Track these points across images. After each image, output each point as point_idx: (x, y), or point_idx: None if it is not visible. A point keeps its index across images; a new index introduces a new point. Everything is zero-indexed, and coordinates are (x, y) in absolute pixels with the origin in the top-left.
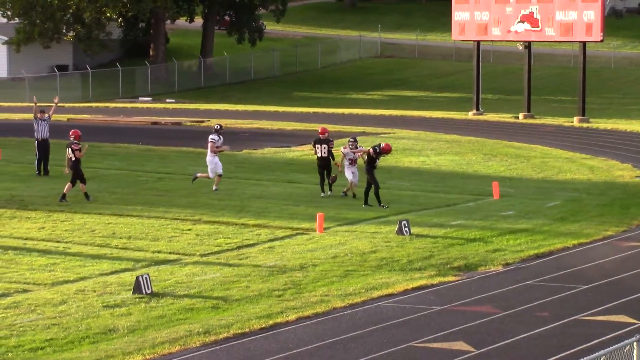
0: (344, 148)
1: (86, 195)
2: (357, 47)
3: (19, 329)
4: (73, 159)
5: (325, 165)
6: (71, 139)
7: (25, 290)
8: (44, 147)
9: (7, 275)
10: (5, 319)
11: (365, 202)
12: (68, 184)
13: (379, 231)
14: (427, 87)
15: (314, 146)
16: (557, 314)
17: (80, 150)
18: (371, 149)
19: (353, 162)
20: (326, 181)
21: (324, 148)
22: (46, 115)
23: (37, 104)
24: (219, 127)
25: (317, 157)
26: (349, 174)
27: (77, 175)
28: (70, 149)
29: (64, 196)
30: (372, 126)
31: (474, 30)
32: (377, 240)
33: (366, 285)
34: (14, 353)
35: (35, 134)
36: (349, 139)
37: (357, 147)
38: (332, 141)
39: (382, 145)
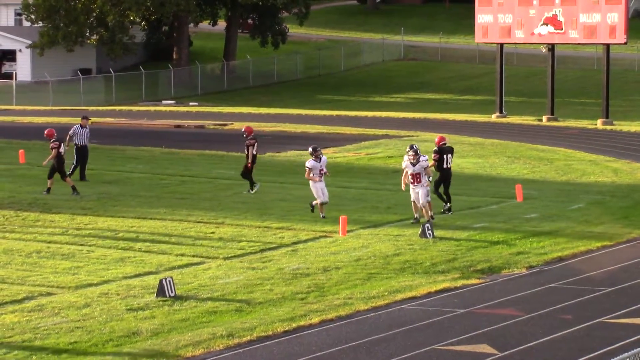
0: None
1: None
2: (380, 50)
3: (43, 332)
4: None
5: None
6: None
7: (49, 294)
8: (83, 153)
9: (31, 278)
10: (29, 322)
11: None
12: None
13: (402, 234)
14: (450, 90)
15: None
16: (580, 317)
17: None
18: (435, 155)
19: (417, 178)
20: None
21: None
22: (88, 123)
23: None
24: (312, 151)
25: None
26: (414, 194)
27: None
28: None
29: (48, 190)
30: (395, 129)
31: (497, 33)
32: (400, 243)
33: (389, 288)
34: (37, 356)
35: (76, 139)
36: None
37: (418, 158)
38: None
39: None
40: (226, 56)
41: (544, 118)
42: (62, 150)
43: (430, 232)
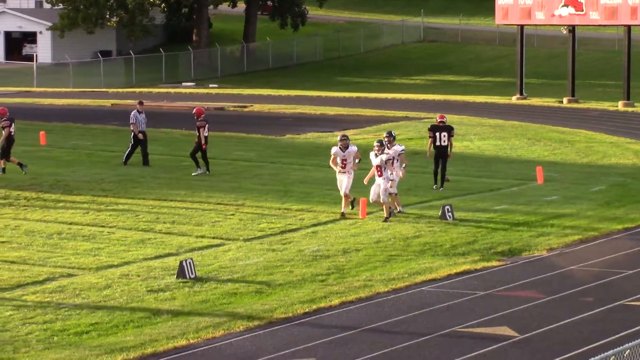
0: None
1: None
2: (400, 32)
3: (64, 313)
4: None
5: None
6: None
7: (70, 275)
8: (140, 139)
9: (52, 259)
10: (50, 303)
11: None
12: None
13: (422, 216)
14: (471, 72)
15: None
16: (601, 299)
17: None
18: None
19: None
20: None
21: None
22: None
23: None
24: (339, 138)
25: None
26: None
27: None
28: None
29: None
30: (415, 111)
31: (518, 15)
32: (420, 225)
33: (409, 270)
34: (59, 337)
35: (135, 126)
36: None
37: (383, 149)
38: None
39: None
40: (246, 38)
41: (565, 100)
42: (12, 130)
43: (450, 214)
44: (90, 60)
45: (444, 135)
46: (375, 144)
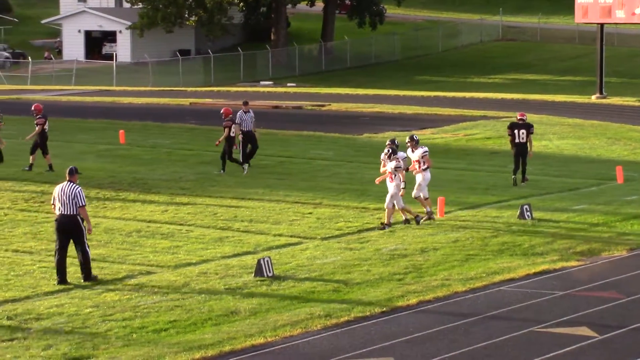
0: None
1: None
2: (478, 31)
3: (142, 310)
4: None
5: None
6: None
7: (148, 272)
8: (248, 139)
9: (131, 257)
10: (129, 300)
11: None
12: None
13: (500, 215)
14: (550, 71)
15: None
16: None
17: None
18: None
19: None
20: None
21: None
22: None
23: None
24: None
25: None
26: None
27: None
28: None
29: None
30: (494, 110)
31: (597, 13)
32: (498, 225)
33: (487, 270)
34: (138, 334)
35: (242, 126)
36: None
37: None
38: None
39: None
40: (324, 37)
41: None
42: (46, 127)
43: (529, 213)
44: (169, 59)
45: (523, 132)
46: (407, 140)
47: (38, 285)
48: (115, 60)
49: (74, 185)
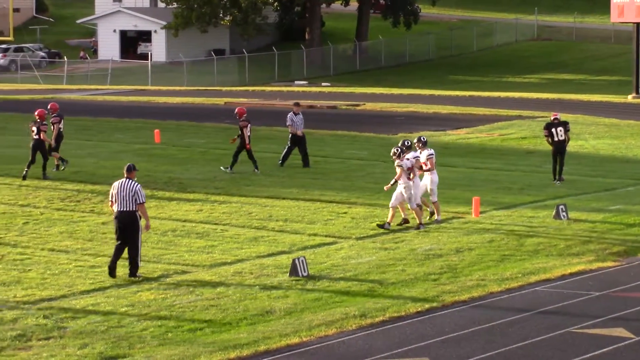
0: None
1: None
2: (513, 30)
3: (178, 309)
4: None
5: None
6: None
7: (184, 272)
8: (297, 140)
9: (166, 256)
10: (164, 299)
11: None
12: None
13: (535, 215)
14: (585, 70)
15: None
16: None
17: (45, 132)
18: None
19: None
20: None
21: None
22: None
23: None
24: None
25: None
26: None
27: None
28: (35, 129)
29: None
30: (529, 110)
31: (634, 12)
32: (534, 225)
33: (523, 270)
34: (173, 333)
35: (292, 127)
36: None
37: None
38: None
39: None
40: (358, 37)
41: None
42: (61, 126)
43: (564, 213)
44: (203, 59)
45: (560, 130)
46: (415, 141)
47: (74, 284)
48: (150, 60)
49: (133, 182)
